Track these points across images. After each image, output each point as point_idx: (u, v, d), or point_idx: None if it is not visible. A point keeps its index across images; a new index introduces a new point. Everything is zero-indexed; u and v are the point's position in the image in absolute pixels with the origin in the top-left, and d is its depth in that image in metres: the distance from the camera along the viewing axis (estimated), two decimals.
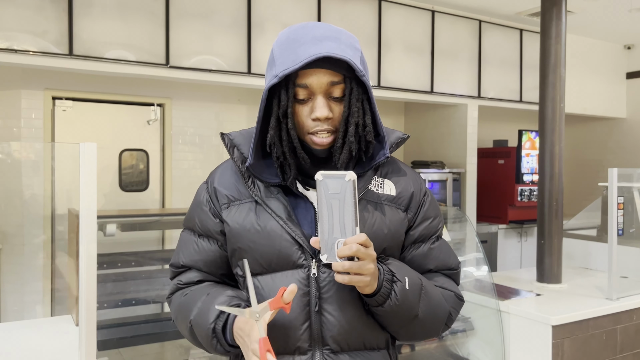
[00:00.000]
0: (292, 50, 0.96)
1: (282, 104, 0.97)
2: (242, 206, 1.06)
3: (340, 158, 1.00)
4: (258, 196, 1.05)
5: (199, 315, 1.02)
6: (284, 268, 1.01)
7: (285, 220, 1.02)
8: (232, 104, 4.96)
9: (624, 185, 3.24)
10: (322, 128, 0.98)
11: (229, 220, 1.05)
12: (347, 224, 0.91)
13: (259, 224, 1.03)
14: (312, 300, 1.00)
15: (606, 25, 5.39)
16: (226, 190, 1.08)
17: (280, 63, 0.96)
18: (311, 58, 0.93)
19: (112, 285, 2.33)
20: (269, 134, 0.99)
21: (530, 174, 5.30)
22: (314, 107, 0.98)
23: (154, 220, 2.75)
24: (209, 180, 1.13)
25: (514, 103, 5.33)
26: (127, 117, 4.47)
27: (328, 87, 0.97)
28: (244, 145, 1.08)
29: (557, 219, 2.96)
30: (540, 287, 2.94)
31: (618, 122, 6.36)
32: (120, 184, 4.44)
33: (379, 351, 1.06)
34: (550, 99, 2.98)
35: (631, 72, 6.24)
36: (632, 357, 2.69)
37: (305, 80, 0.96)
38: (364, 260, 0.91)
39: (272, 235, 1.01)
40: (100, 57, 3.44)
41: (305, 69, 0.96)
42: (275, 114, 0.98)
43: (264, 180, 1.04)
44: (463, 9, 4.89)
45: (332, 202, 0.91)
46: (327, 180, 0.91)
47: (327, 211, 0.91)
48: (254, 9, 3.97)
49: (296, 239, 1.00)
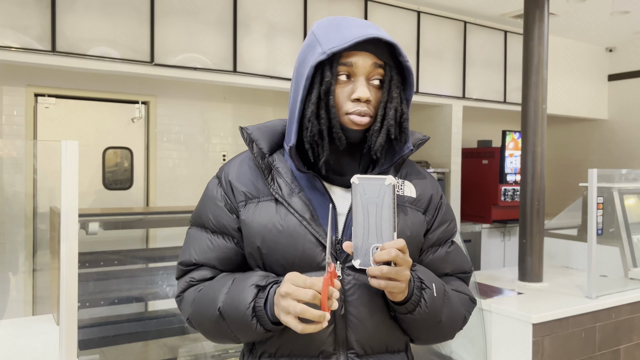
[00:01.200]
0: (338, 31, 0.97)
1: (326, 80, 0.96)
2: (262, 204, 1.02)
3: (377, 141, 0.99)
4: (279, 194, 1.02)
5: (230, 300, 0.97)
6: (307, 269, 0.98)
7: (309, 220, 0.99)
8: (217, 102, 4.94)
9: (604, 186, 3.30)
10: (361, 109, 0.98)
11: (247, 218, 1.02)
12: (385, 229, 0.88)
13: (281, 224, 1.00)
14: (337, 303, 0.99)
15: (588, 27, 5.47)
16: (243, 186, 1.05)
17: (325, 42, 0.97)
18: (361, 38, 0.94)
19: (94, 284, 2.32)
20: (309, 110, 0.97)
21: (513, 174, 5.37)
22: (355, 88, 0.98)
23: (137, 219, 2.73)
24: (222, 174, 1.09)
25: (498, 104, 5.39)
26: (111, 115, 4.43)
27: (371, 69, 0.98)
28: (262, 140, 1.06)
29: (539, 219, 3.00)
30: (522, 285, 2.98)
31: (600, 124, 6.46)
32: (104, 182, 4.40)
33: (399, 354, 1.06)
34: (532, 100, 3.02)
35: (613, 74, 6.34)
36: (610, 355, 2.74)
37: (351, 59, 0.97)
38: (401, 267, 0.89)
39: (295, 235, 0.99)
40: (84, 54, 3.41)
41: (351, 50, 0.96)
42: (317, 91, 0.97)
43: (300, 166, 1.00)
44: (448, 9, 4.93)
45: (369, 206, 0.88)
46: (364, 183, 0.89)
47: (362, 216, 0.89)
48: (239, 7, 3.96)
49: (320, 240, 0.98)
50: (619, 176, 3.59)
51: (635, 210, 3.46)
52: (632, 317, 2.83)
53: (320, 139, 0.99)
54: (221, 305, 0.98)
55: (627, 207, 3.37)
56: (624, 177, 3.61)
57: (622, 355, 2.80)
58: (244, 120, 5.10)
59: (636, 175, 3.66)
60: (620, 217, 3.27)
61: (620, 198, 3.34)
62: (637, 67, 6.11)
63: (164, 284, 2.47)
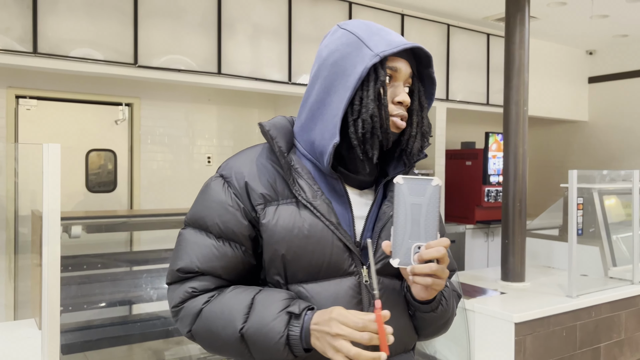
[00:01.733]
0: (381, 36, 1.00)
1: (381, 80, 0.97)
2: (282, 207, 0.98)
3: (414, 146, 1.02)
4: (303, 197, 0.97)
5: (257, 325, 0.92)
6: (334, 276, 0.97)
7: (336, 224, 0.97)
8: (202, 104, 4.93)
9: (584, 187, 3.36)
10: (400, 113, 1.00)
11: (269, 223, 0.97)
12: (430, 229, 0.89)
13: (307, 229, 0.96)
14: (364, 308, 0.98)
15: (569, 31, 5.56)
16: (261, 187, 0.98)
17: (374, 45, 0.98)
18: (407, 45, 0.98)
19: (77, 287, 2.30)
20: (366, 107, 0.96)
21: (496, 175, 5.43)
22: (398, 92, 1.00)
23: (121, 222, 2.71)
24: (231, 174, 1.01)
25: (481, 106, 5.45)
26: (94, 117, 4.40)
27: (407, 77, 1.02)
28: (280, 138, 1.02)
29: (521, 219, 3.04)
30: (505, 285, 3.02)
31: (581, 125, 6.56)
32: (87, 184, 4.36)
33: (409, 353, 1.08)
34: (514, 102, 3.06)
35: (593, 77, 6.45)
36: (591, 353, 2.79)
37: (395, 64, 0.99)
38: (444, 265, 0.90)
39: (323, 241, 0.96)
40: (66, 56, 3.38)
41: (395, 56, 0.99)
42: (372, 90, 0.96)
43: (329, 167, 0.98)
44: (432, 12, 4.97)
45: (413, 206, 0.89)
46: (409, 184, 0.89)
47: (405, 215, 0.89)
48: (224, 9, 3.96)
49: (348, 245, 0.97)
50: (599, 177, 3.65)
51: (614, 210, 3.53)
52: (611, 316, 2.88)
53: (371, 137, 0.97)
54: (244, 329, 0.93)
55: (607, 207, 3.43)
56: (604, 178, 3.68)
57: (603, 353, 2.85)
58: (228, 122, 5.10)
59: (616, 176, 3.73)
60: (600, 217, 3.33)
61: (600, 198, 3.40)
62: (616, 70, 6.22)
63: (148, 287, 2.46)
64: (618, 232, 3.45)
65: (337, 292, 0.96)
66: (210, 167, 4.99)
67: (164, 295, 2.53)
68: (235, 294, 0.97)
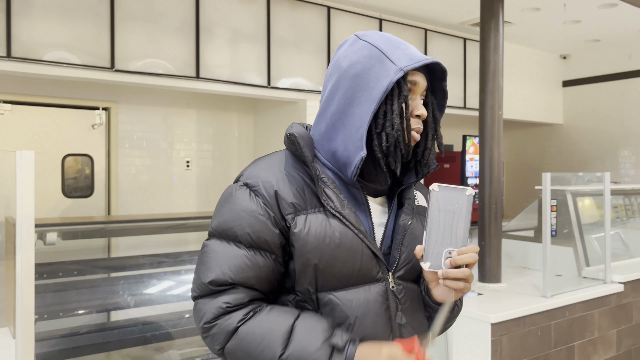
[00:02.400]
0: (402, 50, 1.02)
1: (404, 95, 0.99)
2: (311, 217, 0.99)
3: (429, 157, 1.06)
4: (331, 206, 0.99)
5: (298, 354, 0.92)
6: (362, 282, 0.99)
7: (365, 233, 1.00)
8: (180, 108, 4.90)
9: (558, 189, 3.43)
10: (417, 126, 1.03)
11: (301, 232, 0.97)
12: (461, 235, 0.94)
13: (338, 238, 0.98)
14: (392, 313, 1.01)
15: (543, 35, 5.67)
16: (291, 196, 0.99)
17: (397, 59, 1.00)
18: (427, 60, 1.00)
19: (53, 295, 2.27)
20: (391, 120, 0.98)
21: (474, 178, 5.50)
22: (415, 105, 1.03)
23: (98, 228, 2.69)
24: (258, 184, 1.00)
25: (459, 109, 5.52)
26: (70, 121, 4.34)
27: (423, 92, 1.05)
28: (305, 147, 1.02)
29: (497, 221, 3.09)
30: (482, 286, 3.06)
31: (555, 128, 6.69)
32: (64, 190, 4.30)
33: None
34: (489, 106, 3.11)
35: (567, 81, 6.59)
36: (565, 351, 2.84)
37: (414, 78, 1.02)
38: (471, 269, 0.95)
39: (353, 250, 0.98)
40: (40, 60, 3.34)
41: (414, 70, 1.02)
42: (397, 104, 0.99)
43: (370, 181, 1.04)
44: (409, 17, 5.03)
45: (447, 213, 0.94)
46: (444, 192, 0.94)
47: (438, 222, 0.94)
48: (202, 13, 3.95)
49: (375, 252, 1.00)
50: (574, 179, 3.74)
51: (588, 211, 3.61)
52: (585, 315, 2.95)
53: (395, 149, 1.00)
54: (284, 356, 0.93)
55: (580, 208, 3.51)
56: (578, 180, 3.76)
57: (577, 351, 2.91)
58: (208, 126, 5.08)
59: (590, 177, 3.82)
60: (573, 219, 3.40)
61: (574, 200, 3.47)
62: (589, 74, 6.37)
63: (126, 294, 2.44)
64: (592, 232, 3.53)
65: (367, 298, 0.99)
66: (190, 172, 4.96)
67: (142, 302, 2.51)
68: (274, 316, 0.97)
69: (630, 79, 6.00)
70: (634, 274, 3.29)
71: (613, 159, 6.19)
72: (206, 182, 5.04)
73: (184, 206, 4.85)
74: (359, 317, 0.98)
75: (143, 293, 2.53)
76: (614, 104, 6.15)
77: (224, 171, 5.15)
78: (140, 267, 2.55)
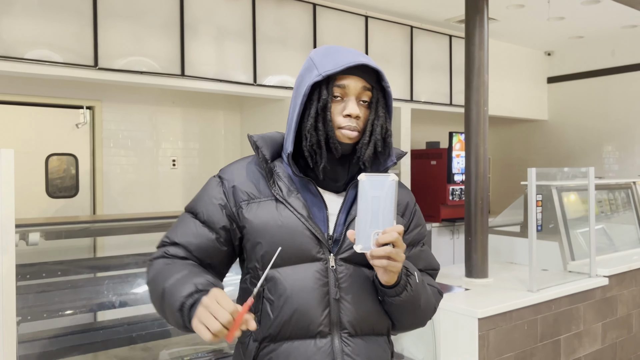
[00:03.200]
0: (332, 58, 1.14)
1: (323, 98, 1.12)
2: (263, 204, 1.16)
3: (365, 153, 1.16)
4: (280, 195, 1.16)
5: (174, 285, 1.06)
6: (304, 261, 1.13)
7: (306, 217, 1.14)
8: (166, 107, 4.86)
9: (543, 184, 3.46)
10: (351, 124, 1.14)
11: (250, 216, 1.16)
12: (387, 217, 1.02)
13: (281, 220, 1.14)
14: (331, 290, 1.13)
15: (527, 32, 5.72)
16: (246, 188, 1.18)
17: (321, 66, 1.14)
18: (351, 64, 1.12)
19: (36, 296, 2.23)
20: (309, 122, 1.13)
21: (460, 174, 5.53)
22: (347, 106, 1.14)
23: (82, 228, 2.65)
24: (225, 177, 1.21)
25: (445, 106, 5.55)
26: (54, 121, 4.28)
27: (360, 91, 1.15)
28: (265, 148, 1.20)
29: (483, 217, 3.11)
30: (469, 282, 3.08)
31: (540, 124, 6.75)
32: (48, 190, 4.25)
33: (382, 337, 1.21)
34: (474, 102, 3.13)
35: (551, 77, 6.65)
36: (551, 345, 2.87)
37: (344, 81, 1.14)
38: (399, 249, 1.03)
39: (294, 231, 1.13)
40: (22, 58, 3.29)
41: (344, 74, 1.13)
42: (315, 107, 1.13)
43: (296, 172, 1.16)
44: (395, 14, 5.04)
45: (374, 199, 1.02)
46: (371, 180, 1.04)
47: (366, 207, 1.02)
48: (186, 10, 3.92)
49: (316, 235, 1.14)
50: (559, 174, 3.77)
51: (573, 206, 3.64)
52: (570, 308, 2.98)
53: (318, 148, 1.14)
54: (166, 287, 1.07)
55: (565, 203, 3.54)
56: (563, 175, 3.80)
57: (563, 345, 2.94)
58: (194, 124, 5.05)
59: (574, 173, 3.86)
60: (558, 213, 3.43)
61: (559, 195, 3.50)
62: (573, 70, 6.43)
63: (111, 294, 2.41)
64: (577, 227, 3.56)
65: (305, 274, 1.13)
66: (176, 170, 4.92)
67: (128, 302, 2.49)
68: (185, 264, 1.14)
69: (613, 75, 6.07)
70: (619, 268, 3.33)
71: (597, 154, 6.27)
72: (192, 181, 5.01)
73: (170, 205, 4.82)
74: (296, 290, 1.12)
75: (129, 293, 2.50)
76: (598, 100, 6.22)
77: (210, 169, 5.12)
78: (126, 266, 2.52)
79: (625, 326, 3.40)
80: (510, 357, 2.65)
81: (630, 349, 3.46)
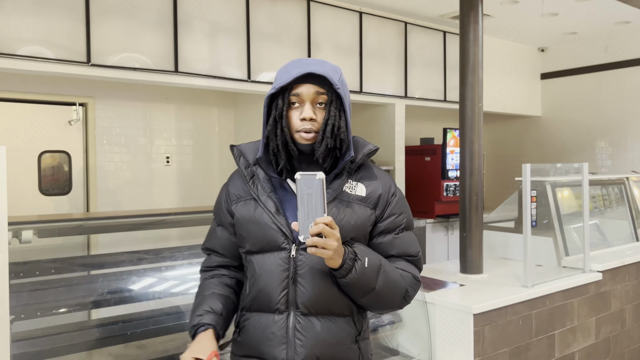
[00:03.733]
0: (287, 71, 1.31)
1: (279, 107, 1.31)
2: (245, 202, 1.39)
3: (319, 151, 1.30)
4: (255, 194, 1.37)
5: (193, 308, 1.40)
6: (272, 250, 1.33)
7: (274, 213, 1.33)
8: (160, 103, 4.83)
9: (537, 180, 3.46)
10: (307, 127, 1.30)
11: (237, 213, 1.40)
12: (318, 210, 1.17)
13: (254, 216, 1.35)
14: (290, 275, 1.31)
15: (521, 28, 5.72)
16: (235, 190, 1.42)
17: (277, 80, 1.32)
18: (299, 74, 1.29)
19: (29, 294, 2.21)
20: (267, 130, 1.32)
21: (454, 170, 5.54)
22: (302, 110, 1.30)
23: (76, 225, 2.63)
24: (226, 183, 1.47)
25: (439, 102, 5.55)
26: (46, 118, 4.25)
27: (315, 96, 1.30)
28: (249, 154, 1.41)
29: (477, 213, 3.11)
30: (464, 277, 3.08)
31: (534, 120, 6.77)
32: (40, 187, 4.22)
33: (344, 318, 1.35)
34: (469, 99, 3.13)
35: (545, 73, 6.67)
36: (546, 340, 2.89)
37: (297, 90, 1.30)
38: (329, 238, 1.18)
39: (263, 225, 1.34)
40: (13, 54, 3.25)
41: (298, 84, 1.30)
42: (273, 115, 1.31)
43: (266, 172, 1.36)
44: (389, 10, 5.03)
45: (308, 195, 1.17)
46: (304, 178, 1.17)
47: (302, 202, 1.17)
48: (180, 6, 3.89)
49: (281, 228, 1.32)
50: (553, 170, 3.78)
51: (567, 202, 3.66)
52: (564, 304, 2.99)
53: (278, 151, 1.32)
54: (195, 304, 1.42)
55: (559, 199, 3.55)
56: (557, 171, 3.81)
57: (557, 340, 2.96)
58: (188, 121, 5.02)
59: (568, 168, 3.87)
60: (553, 209, 3.44)
61: (553, 191, 3.51)
62: (567, 66, 6.45)
63: (105, 291, 2.40)
64: (571, 222, 3.57)
65: (271, 261, 1.33)
66: (170, 167, 4.90)
67: (122, 299, 2.48)
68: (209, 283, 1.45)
69: (606, 71, 6.09)
70: (612, 263, 3.34)
71: (590, 150, 6.30)
72: (186, 178, 4.99)
73: (164, 202, 4.80)
74: (262, 273, 1.33)
75: (123, 290, 2.49)
76: (591, 96, 6.25)
77: (204, 166, 5.10)
78: (120, 264, 2.50)
79: (618, 321, 3.42)
80: (505, 352, 2.66)
81: (624, 343, 3.48)
